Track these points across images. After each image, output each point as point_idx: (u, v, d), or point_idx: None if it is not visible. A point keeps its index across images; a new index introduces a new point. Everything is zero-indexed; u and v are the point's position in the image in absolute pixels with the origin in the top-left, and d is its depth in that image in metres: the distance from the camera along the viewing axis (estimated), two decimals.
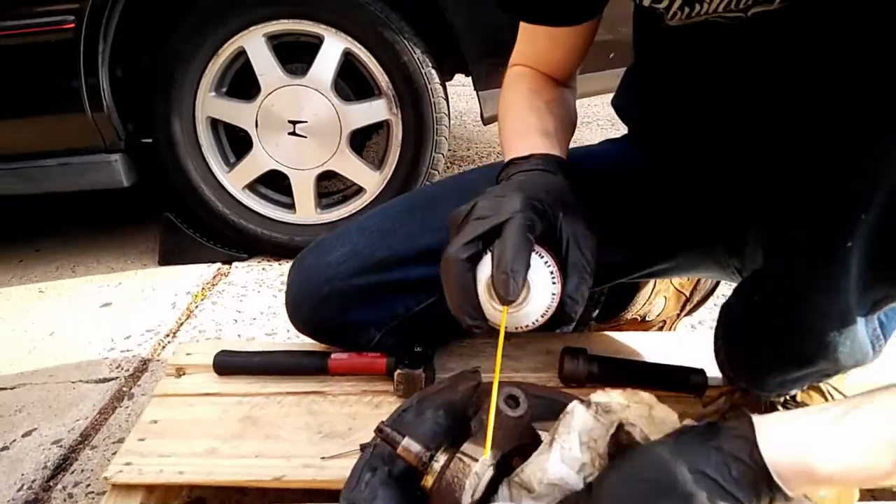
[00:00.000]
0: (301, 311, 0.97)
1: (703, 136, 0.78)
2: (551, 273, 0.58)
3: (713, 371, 0.86)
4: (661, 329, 1.10)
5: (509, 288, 0.54)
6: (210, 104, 1.61)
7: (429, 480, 0.53)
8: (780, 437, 0.47)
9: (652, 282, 1.07)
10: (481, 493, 0.52)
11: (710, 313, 1.42)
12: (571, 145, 0.84)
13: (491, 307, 0.57)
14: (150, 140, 1.66)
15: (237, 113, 1.63)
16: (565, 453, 0.50)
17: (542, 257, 0.59)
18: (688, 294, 1.08)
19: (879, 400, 0.49)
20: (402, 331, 0.94)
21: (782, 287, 0.62)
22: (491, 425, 0.53)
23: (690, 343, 1.02)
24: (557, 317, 0.59)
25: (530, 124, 0.76)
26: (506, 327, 0.58)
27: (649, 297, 1.05)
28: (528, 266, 0.55)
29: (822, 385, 0.72)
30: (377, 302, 0.92)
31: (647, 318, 1.07)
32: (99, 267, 1.78)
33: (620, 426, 0.50)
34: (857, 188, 0.54)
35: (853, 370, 0.68)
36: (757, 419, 0.48)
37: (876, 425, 0.47)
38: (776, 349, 0.64)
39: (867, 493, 0.72)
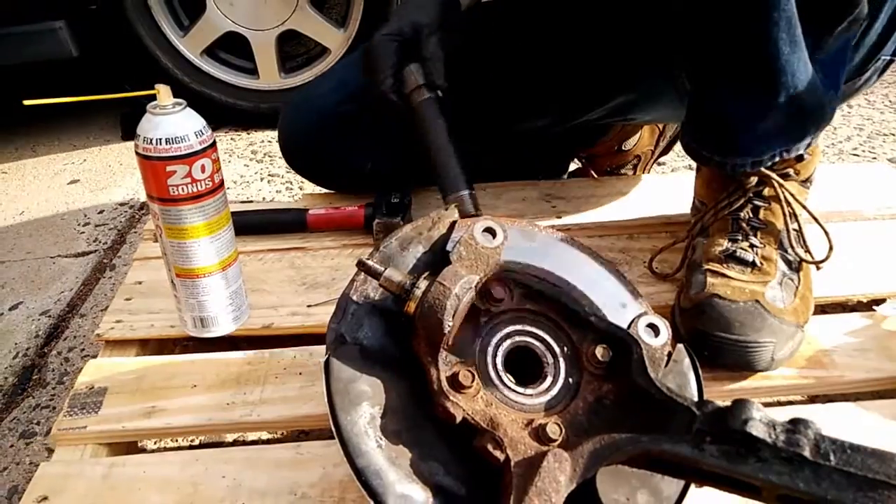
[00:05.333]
0: (293, 144, 1.00)
1: None
2: None
3: (685, 208, 0.89)
4: (635, 167, 1.12)
5: None
6: None
7: (411, 306, 0.55)
8: None
9: None
10: (462, 315, 0.55)
11: (681, 160, 1.44)
12: None
13: None
14: (94, 6, 1.55)
15: None
16: None
17: None
18: (661, 127, 1.08)
19: None
20: (392, 157, 0.94)
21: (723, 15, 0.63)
22: None
23: (661, 186, 1.04)
24: None
25: None
26: None
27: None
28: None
29: (783, 196, 0.72)
30: (364, 128, 0.94)
31: (623, 148, 1.09)
32: (61, 145, 1.72)
33: None
34: None
35: (814, 138, 0.70)
36: None
37: None
38: (738, 84, 0.66)
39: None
